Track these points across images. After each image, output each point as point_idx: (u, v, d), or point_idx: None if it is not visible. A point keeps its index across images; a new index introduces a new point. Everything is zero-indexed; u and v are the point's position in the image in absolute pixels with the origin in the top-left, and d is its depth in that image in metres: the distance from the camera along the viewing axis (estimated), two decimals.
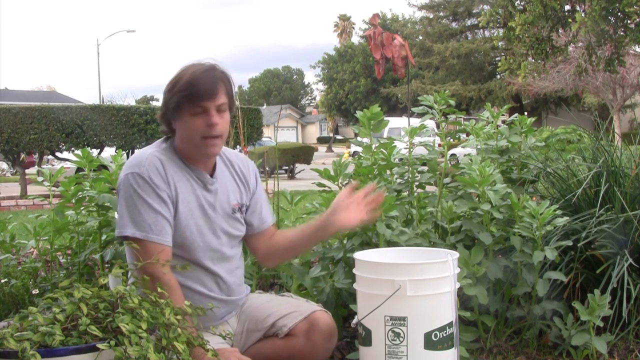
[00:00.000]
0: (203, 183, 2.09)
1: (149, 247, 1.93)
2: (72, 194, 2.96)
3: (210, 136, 1.99)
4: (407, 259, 2.29)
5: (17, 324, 1.59)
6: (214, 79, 1.98)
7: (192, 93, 1.95)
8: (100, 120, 12.91)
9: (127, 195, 1.96)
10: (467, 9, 35.80)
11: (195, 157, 2.06)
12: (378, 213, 2.14)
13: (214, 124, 1.97)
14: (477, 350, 2.71)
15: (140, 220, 1.94)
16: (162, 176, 1.98)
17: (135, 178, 1.96)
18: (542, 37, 10.69)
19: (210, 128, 1.97)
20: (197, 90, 1.95)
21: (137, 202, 1.94)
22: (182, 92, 1.96)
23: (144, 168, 1.97)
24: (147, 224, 1.94)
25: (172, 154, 2.06)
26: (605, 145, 3.29)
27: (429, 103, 3.19)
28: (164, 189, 1.97)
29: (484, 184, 2.74)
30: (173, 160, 2.04)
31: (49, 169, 3.77)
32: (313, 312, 2.16)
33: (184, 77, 1.98)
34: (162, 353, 1.57)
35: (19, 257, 3.46)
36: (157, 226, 1.94)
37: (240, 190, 2.20)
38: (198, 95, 1.95)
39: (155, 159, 2.00)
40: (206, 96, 1.95)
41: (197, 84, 1.95)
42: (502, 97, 30.83)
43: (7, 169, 24.34)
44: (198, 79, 1.96)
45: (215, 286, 2.12)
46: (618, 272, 2.68)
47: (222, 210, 2.13)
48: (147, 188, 1.95)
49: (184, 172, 2.05)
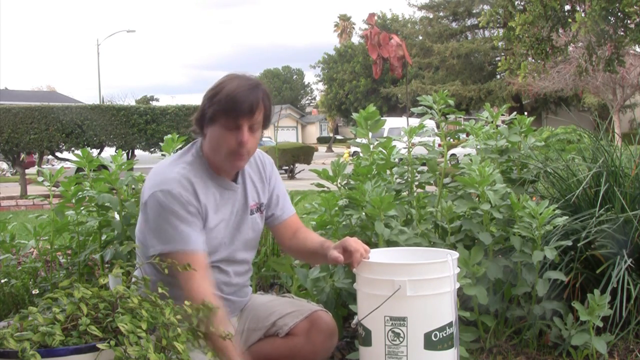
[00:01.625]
0: (227, 191, 2.09)
1: (182, 257, 1.90)
2: (72, 194, 2.97)
3: (237, 153, 1.98)
4: (407, 259, 2.29)
5: (17, 324, 1.59)
6: (255, 99, 1.94)
7: (230, 108, 1.93)
8: (100, 120, 12.92)
9: (158, 212, 1.94)
10: (467, 9, 35.79)
11: (220, 166, 2.06)
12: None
13: (243, 142, 1.95)
14: (477, 350, 2.71)
15: (170, 234, 1.92)
16: (190, 193, 1.96)
17: (165, 194, 1.93)
18: (542, 37, 10.70)
19: (239, 146, 1.96)
20: (236, 107, 1.92)
21: (170, 216, 1.92)
22: (221, 104, 1.93)
23: (172, 185, 1.95)
24: (176, 236, 1.92)
25: (199, 165, 2.04)
26: (605, 145, 3.29)
27: (428, 103, 3.19)
28: (194, 205, 1.96)
29: (483, 184, 2.74)
30: (199, 173, 2.03)
31: (49, 169, 3.77)
32: (314, 311, 2.17)
33: (226, 89, 1.95)
34: (162, 353, 1.57)
35: (19, 257, 3.46)
36: (186, 237, 1.93)
37: (257, 189, 2.20)
38: (235, 111, 1.93)
39: (182, 177, 1.97)
40: (242, 114, 1.93)
41: (237, 100, 1.93)
42: (502, 97, 30.83)
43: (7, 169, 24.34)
44: (239, 95, 1.93)
45: (223, 285, 2.13)
46: (618, 272, 2.68)
47: (241, 213, 2.14)
48: (177, 203, 1.93)
49: (209, 185, 2.04)
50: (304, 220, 3.20)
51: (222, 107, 1.93)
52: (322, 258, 2.16)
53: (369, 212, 2.67)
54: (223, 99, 1.93)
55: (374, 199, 2.63)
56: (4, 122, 12.55)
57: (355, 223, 2.82)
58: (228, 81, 1.97)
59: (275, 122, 10.13)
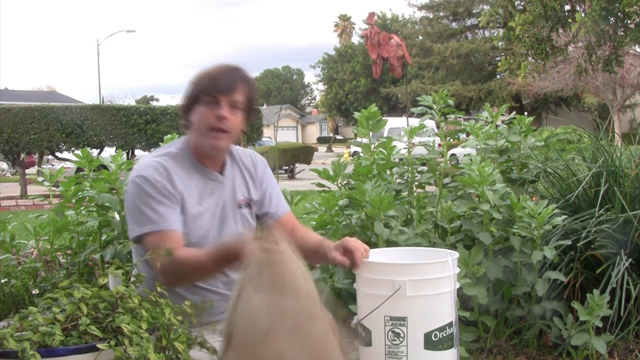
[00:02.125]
0: (211, 181, 2.11)
1: (156, 238, 1.94)
2: (72, 194, 2.97)
3: (216, 128, 2.01)
4: (407, 259, 2.29)
5: (17, 324, 1.59)
6: (233, 77, 2.03)
7: (209, 85, 2.01)
8: (100, 120, 12.93)
9: (134, 197, 2.01)
10: (467, 9, 35.78)
11: (203, 149, 2.09)
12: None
13: (222, 116, 2.00)
14: (477, 350, 2.71)
15: (143, 216, 1.97)
16: (164, 177, 2.01)
17: (140, 179, 2.00)
18: (542, 37, 10.69)
19: (218, 120, 2.00)
20: (215, 83, 2.01)
21: (146, 199, 1.98)
22: (202, 83, 2.03)
23: (149, 171, 2.01)
24: (150, 217, 1.97)
25: (182, 156, 2.09)
26: (605, 145, 3.29)
27: (428, 103, 3.19)
28: (168, 189, 2.00)
29: (483, 184, 2.74)
30: (181, 164, 2.07)
31: (49, 169, 3.77)
32: None
33: (207, 71, 2.06)
34: (162, 353, 1.57)
35: (19, 257, 3.45)
36: (160, 216, 1.97)
37: (247, 185, 2.21)
38: (214, 87, 2.01)
39: (159, 165, 2.04)
40: (222, 89, 2.01)
41: (216, 78, 2.02)
42: (502, 97, 30.83)
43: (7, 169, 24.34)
44: (219, 74, 2.03)
45: (218, 281, 2.13)
46: (618, 272, 2.68)
47: (229, 206, 2.15)
48: (152, 187, 1.99)
49: (192, 174, 2.08)
50: (304, 220, 3.20)
51: (202, 86, 2.02)
52: (321, 257, 2.16)
53: (369, 212, 2.67)
54: (204, 79, 2.03)
55: (374, 198, 2.63)
56: (4, 122, 12.55)
57: (355, 223, 2.82)
58: (211, 67, 2.08)
59: (275, 122, 10.21)
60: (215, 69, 2.04)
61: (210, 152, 2.09)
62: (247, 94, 2.06)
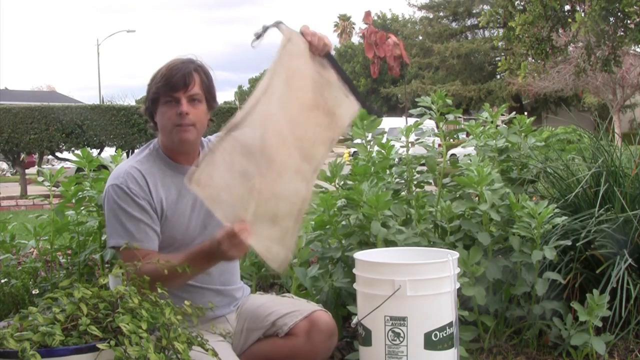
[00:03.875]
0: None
1: (133, 253, 1.97)
2: (72, 194, 2.96)
3: (180, 124, 2.04)
4: (407, 258, 2.30)
5: (17, 324, 1.59)
6: (187, 71, 2.04)
7: (165, 83, 2.03)
8: (100, 120, 12.93)
9: (109, 207, 2.04)
10: (467, 9, 35.76)
11: (173, 147, 2.11)
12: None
13: (183, 112, 2.02)
14: (477, 350, 2.71)
15: (123, 229, 2.01)
16: (141, 185, 2.04)
17: (115, 189, 2.03)
18: (542, 37, 10.70)
19: (180, 117, 2.03)
20: (170, 80, 2.03)
21: (119, 212, 2.02)
22: (158, 83, 2.05)
23: (122, 179, 2.04)
24: (129, 231, 2.00)
25: (155, 158, 2.12)
26: (605, 145, 3.29)
27: (427, 104, 3.19)
28: (144, 197, 2.03)
29: (482, 183, 2.74)
30: (156, 165, 2.10)
31: (49, 169, 3.77)
32: (313, 311, 2.17)
33: (161, 70, 2.07)
34: (162, 353, 1.57)
35: (19, 257, 3.45)
36: (140, 233, 2.00)
37: None
38: (170, 85, 2.03)
39: (134, 170, 2.06)
40: (177, 86, 2.02)
41: (170, 75, 2.04)
42: (502, 97, 30.79)
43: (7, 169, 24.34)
44: (172, 70, 2.05)
45: (207, 277, 2.13)
46: (618, 272, 2.68)
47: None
48: (126, 198, 2.02)
49: (167, 175, 2.10)
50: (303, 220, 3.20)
51: (159, 86, 2.04)
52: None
53: (366, 211, 2.67)
54: (159, 78, 2.05)
55: (370, 198, 2.63)
56: (4, 122, 12.55)
57: (353, 223, 2.83)
58: (163, 65, 2.09)
59: None
60: (167, 67, 2.07)
61: (181, 147, 2.11)
62: (203, 84, 2.08)
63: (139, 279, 1.76)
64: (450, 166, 3.32)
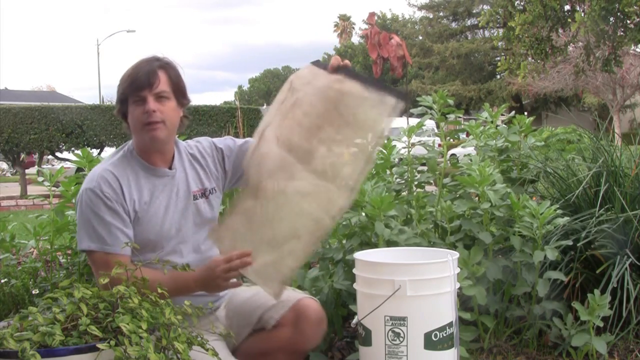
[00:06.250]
0: (162, 178, 2.12)
1: (105, 257, 1.98)
2: (72, 194, 2.96)
3: (149, 122, 2.04)
4: (407, 259, 2.29)
5: (17, 324, 1.59)
6: (151, 69, 2.05)
7: (130, 83, 2.05)
8: (100, 120, 12.94)
9: (81, 211, 2.04)
10: (467, 9, 35.77)
11: (146, 146, 2.11)
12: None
13: (149, 110, 2.02)
14: (477, 350, 2.71)
15: (94, 233, 2.01)
16: (114, 188, 2.03)
17: (87, 193, 2.03)
18: (542, 37, 10.69)
19: (147, 115, 2.03)
20: (135, 80, 2.04)
21: (90, 216, 2.01)
22: (124, 83, 2.06)
23: (95, 182, 2.04)
24: (101, 236, 2.00)
25: (129, 159, 2.11)
26: (605, 145, 3.29)
27: (428, 104, 3.19)
28: (117, 200, 2.03)
29: (483, 183, 2.74)
30: (130, 166, 2.10)
31: (49, 169, 3.77)
32: (298, 300, 2.15)
33: (128, 71, 2.09)
34: (162, 353, 1.57)
35: (19, 257, 3.45)
36: (111, 237, 2.00)
37: (199, 175, 2.21)
38: (135, 84, 2.04)
39: (107, 172, 2.06)
40: (143, 85, 2.03)
41: (135, 75, 2.05)
42: (502, 97, 30.80)
43: (7, 169, 24.34)
44: (136, 70, 2.06)
45: None
46: (618, 272, 2.68)
47: (184, 199, 2.15)
48: (98, 202, 2.01)
49: (140, 176, 2.10)
50: None
51: (125, 87, 2.06)
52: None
53: (369, 212, 2.67)
54: (125, 79, 2.07)
55: (374, 199, 2.63)
56: (4, 122, 12.56)
57: (355, 223, 2.82)
58: (130, 66, 2.11)
59: None
60: (133, 67, 2.08)
61: (152, 145, 2.10)
62: (170, 81, 2.08)
63: (139, 279, 1.76)
64: (451, 166, 3.32)
